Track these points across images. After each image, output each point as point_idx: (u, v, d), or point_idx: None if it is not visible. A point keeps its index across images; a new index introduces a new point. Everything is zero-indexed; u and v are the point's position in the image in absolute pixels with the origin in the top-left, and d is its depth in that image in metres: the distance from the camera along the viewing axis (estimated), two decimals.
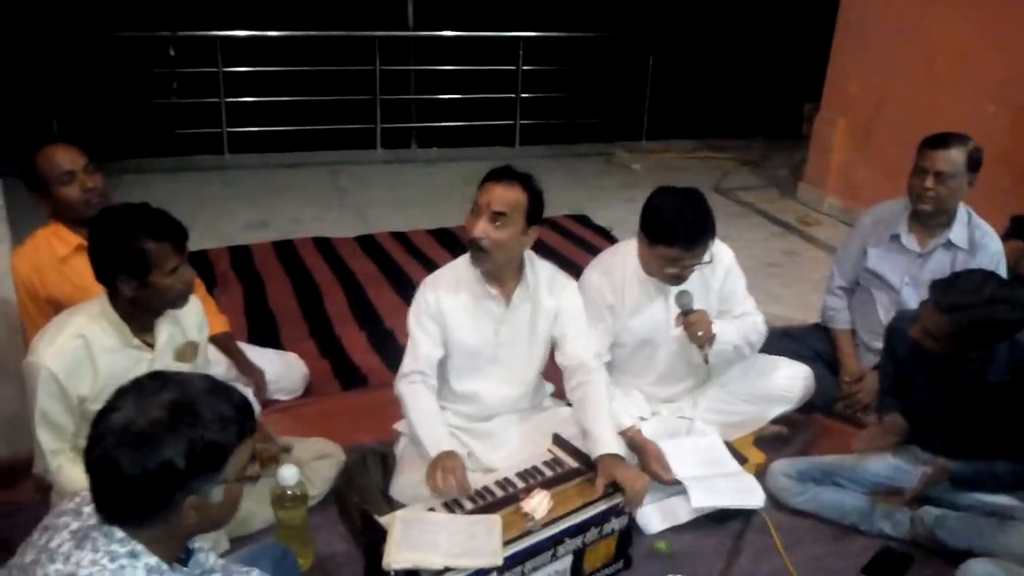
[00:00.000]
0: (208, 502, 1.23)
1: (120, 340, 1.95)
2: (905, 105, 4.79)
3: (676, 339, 2.55)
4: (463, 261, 2.30)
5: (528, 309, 2.32)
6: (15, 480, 2.34)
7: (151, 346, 2.02)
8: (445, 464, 2.03)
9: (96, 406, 1.87)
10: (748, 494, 2.38)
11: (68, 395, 1.90)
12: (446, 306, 2.26)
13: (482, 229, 2.13)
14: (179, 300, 1.97)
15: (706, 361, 2.46)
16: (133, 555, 1.18)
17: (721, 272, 2.55)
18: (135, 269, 1.85)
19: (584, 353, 2.32)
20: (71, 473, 1.94)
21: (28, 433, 2.32)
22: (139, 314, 1.97)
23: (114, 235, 1.86)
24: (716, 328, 2.44)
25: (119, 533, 1.19)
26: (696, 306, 2.43)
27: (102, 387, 1.91)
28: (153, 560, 1.20)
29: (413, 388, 2.25)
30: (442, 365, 2.33)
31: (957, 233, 2.80)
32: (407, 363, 2.28)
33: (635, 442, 2.43)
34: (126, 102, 6.24)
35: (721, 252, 2.55)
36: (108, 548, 1.18)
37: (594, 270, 2.55)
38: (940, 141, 2.72)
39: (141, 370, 1.96)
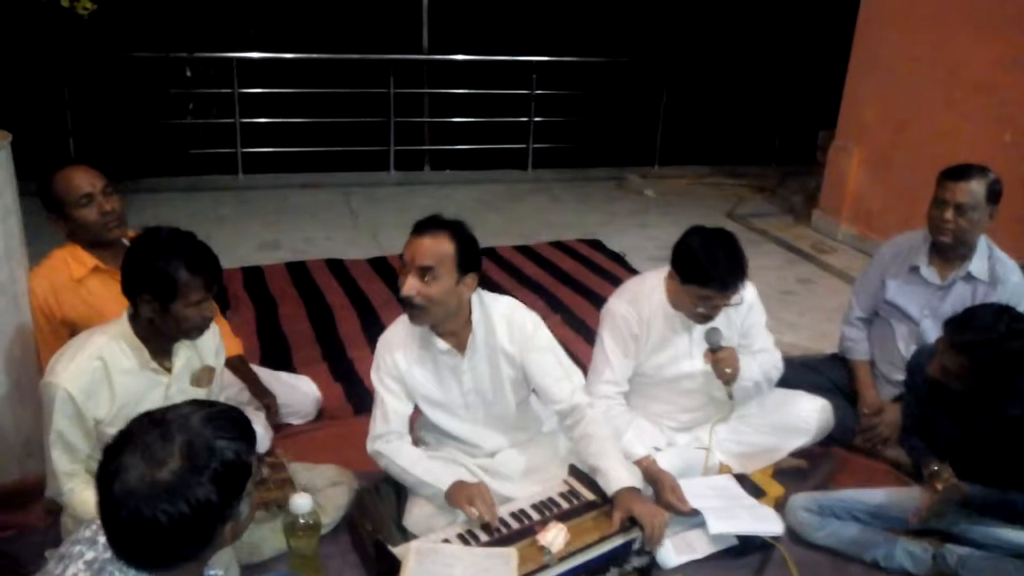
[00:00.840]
0: (239, 521, 1.26)
1: (138, 362, 1.95)
2: (922, 133, 4.77)
3: (699, 374, 2.55)
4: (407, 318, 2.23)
5: (485, 355, 2.26)
6: (26, 503, 2.32)
7: (168, 370, 2.01)
8: (470, 491, 2.02)
9: (111, 429, 1.88)
10: (767, 522, 2.34)
11: (84, 417, 1.89)
12: (403, 366, 2.22)
13: (411, 286, 2.04)
14: (194, 332, 1.97)
15: (731, 397, 2.45)
16: None
17: (744, 308, 2.54)
18: (161, 293, 1.86)
19: (569, 395, 2.25)
20: (84, 496, 1.92)
21: (39, 456, 2.31)
22: (157, 337, 1.97)
23: (152, 255, 1.86)
24: (741, 364, 2.43)
25: (132, 572, 1.18)
26: (723, 343, 2.43)
27: (118, 409, 1.91)
28: None
29: (391, 445, 2.23)
30: (426, 415, 2.32)
31: (977, 266, 2.77)
32: (378, 426, 2.24)
33: (650, 473, 2.39)
34: (142, 122, 6.30)
35: (746, 287, 2.52)
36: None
37: (621, 299, 2.53)
38: (960, 173, 2.70)
39: (157, 394, 1.97)
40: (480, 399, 2.29)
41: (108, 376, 1.91)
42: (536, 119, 7.19)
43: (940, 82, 4.65)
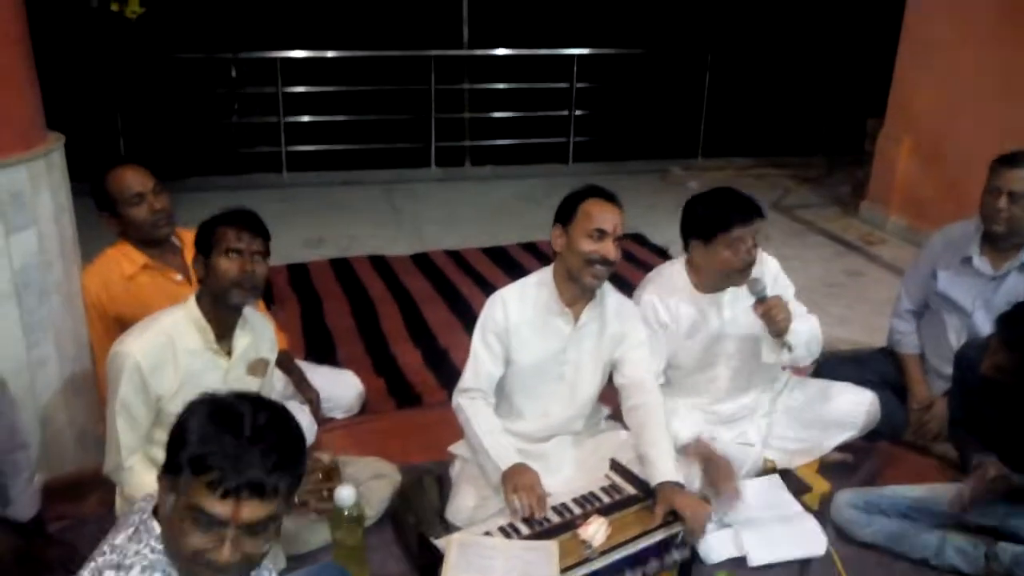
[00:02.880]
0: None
1: (203, 343, 2.03)
2: (974, 122, 4.64)
3: (734, 355, 2.54)
4: (536, 279, 2.31)
5: (595, 329, 2.30)
6: (82, 494, 2.39)
7: (228, 354, 2.08)
8: (522, 482, 2.03)
9: (171, 406, 1.94)
10: (808, 542, 2.31)
11: (149, 389, 1.97)
12: (514, 323, 2.25)
13: (614, 252, 2.16)
14: (234, 290, 2.00)
15: (790, 349, 2.39)
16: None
17: (769, 279, 2.51)
18: (203, 246, 2.03)
19: (643, 373, 2.30)
20: (142, 477, 1.99)
21: (94, 450, 2.39)
22: (218, 318, 2.05)
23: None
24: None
25: (157, 529, 1.24)
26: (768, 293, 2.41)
27: (179, 386, 1.98)
28: None
29: (474, 403, 2.24)
30: (503, 380, 2.32)
31: None
32: (467, 379, 2.28)
33: (702, 453, 2.38)
34: (189, 122, 6.43)
35: (767, 260, 2.56)
36: (149, 542, 1.22)
37: (645, 290, 2.55)
38: (1014, 159, 2.63)
39: (216, 376, 2.04)
40: (575, 371, 2.32)
41: (174, 353, 1.99)
42: (577, 112, 7.15)
43: (993, 69, 4.51)
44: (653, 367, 2.36)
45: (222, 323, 2.06)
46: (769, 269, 2.55)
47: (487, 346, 2.26)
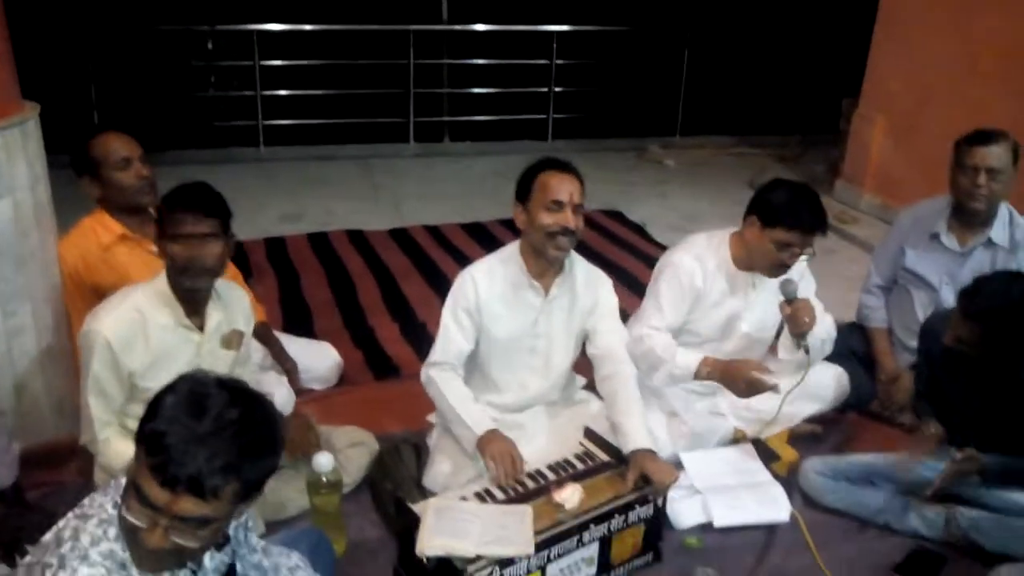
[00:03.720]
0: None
1: (173, 319, 2.02)
2: (947, 102, 4.70)
3: (742, 337, 2.59)
4: (504, 254, 2.33)
5: (566, 302, 2.33)
6: (60, 462, 2.40)
7: (201, 329, 2.07)
8: (498, 448, 2.07)
9: (143, 382, 1.95)
10: (773, 508, 2.37)
11: (120, 366, 1.96)
12: (484, 298, 2.27)
13: (574, 221, 2.17)
14: (199, 267, 1.96)
15: (807, 352, 2.45)
16: None
17: (796, 276, 2.54)
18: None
19: (614, 345, 2.33)
20: (118, 446, 2.00)
21: (72, 417, 2.39)
22: (189, 296, 2.03)
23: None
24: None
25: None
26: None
27: (151, 362, 1.98)
28: None
29: (444, 374, 2.27)
30: (477, 354, 2.35)
31: (998, 232, 2.76)
32: (437, 353, 2.30)
33: (717, 368, 2.42)
34: (165, 95, 6.35)
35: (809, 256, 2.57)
36: (115, 498, 1.22)
37: (688, 253, 2.55)
38: (987, 137, 2.68)
39: (189, 351, 2.04)
40: (547, 343, 2.35)
41: (145, 329, 1.98)
42: (556, 89, 7.16)
43: (966, 50, 4.57)
44: (624, 338, 2.38)
45: (191, 299, 2.05)
46: (796, 266, 2.54)
47: (457, 322, 2.28)
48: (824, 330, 2.56)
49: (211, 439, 1.12)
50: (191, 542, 1.15)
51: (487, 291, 2.28)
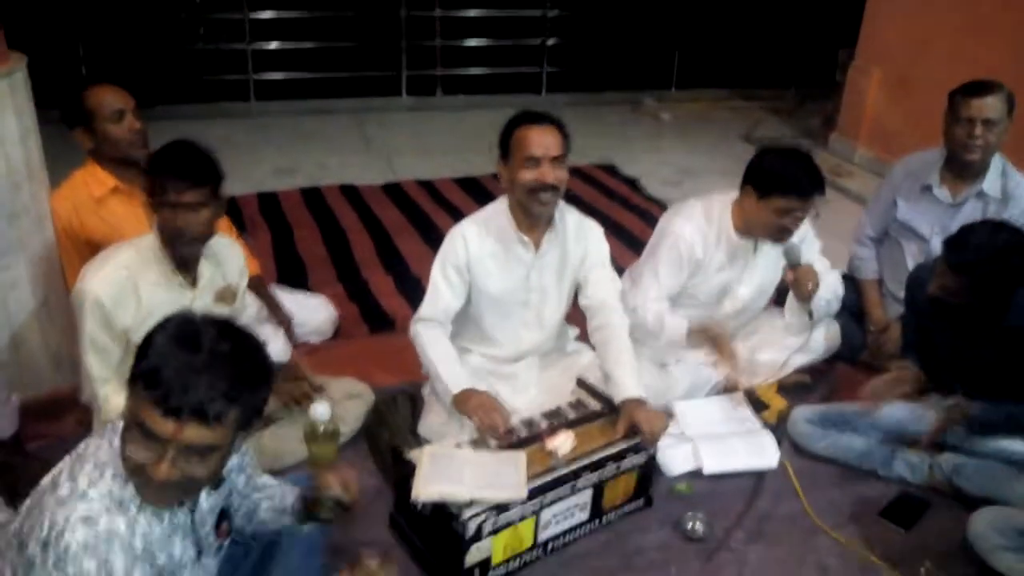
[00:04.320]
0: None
1: (164, 275, 2.01)
2: (943, 53, 4.67)
3: (741, 299, 2.63)
4: (491, 211, 2.33)
5: (557, 255, 2.34)
6: (59, 413, 2.43)
7: (193, 284, 2.07)
8: (477, 402, 2.08)
9: (138, 337, 1.96)
10: (762, 455, 2.42)
11: (113, 323, 1.97)
12: (475, 255, 2.28)
13: (553, 175, 2.14)
14: (189, 230, 1.96)
15: (811, 316, 2.48)
16: None
17: (797, 237, 2.55)
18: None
19: (606, 294, 2.34)
20: (119, 400, 2.01)
21: (69, 370, 2.42)
22: (183, 254, 2.02)
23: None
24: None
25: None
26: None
27: (144, 319, 1.97)
28: None
29: (430, 331, 2.28)
30: (471, 308, 2.37)
31: (990, 183, 2.76)
32: (426, 309, 2.31)
33: (707, 332, 2.49)
34: (154, 48, 6.25)
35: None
36: (113, 441, 1.25)
37: (689, 222, 2.54)
38: (982, 88, 2.66)
39: (182, 306, 2.04)
40: (540, 297, 2.36)
41: (135, 286, 1.98)
42: (550, 42, 7.07)
43: (964, 1, 4.52)
44: (616, 287, 2.39)
45: (182, 256, 2.04)
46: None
47: (447, 279, 2.29)
48: (830, 289, 2.60)
49: (209, 369, 1.15)
50: (198, 470, 1.19)
51: (477, 248, 2.28)
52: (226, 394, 1.16)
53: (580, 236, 2.37)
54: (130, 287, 1.97)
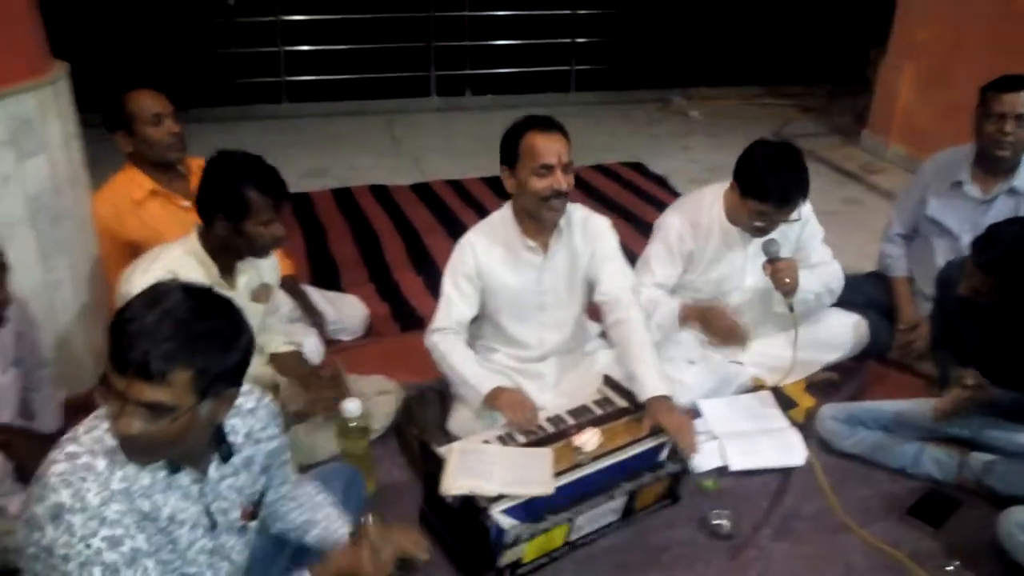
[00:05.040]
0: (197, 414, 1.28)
1: (206, 278, 2.07)
2: (977, 49, 4.60)
3: (751, 290, 2.61)
4: (497, 218, 2.35)
5: (565, 255, 2.35)
6: None
7: (232, 287, 2.14)
8: (511, 398, 2.13)
9: None
10: (789, 453, 2.42)
11: None
12: (484, 263, 2.30)
13: (567, 181, 2.16)
14: (263, 251, 2.10)
15: (791, 310, 2.49)
16: None
17: (798, 224, 2.57)
18: (234, 213, 1.99)
19: (619, 289, 2.35)
20: None
21: None
22: (225, 255, 2.09)
23: (226, 177, 1.99)
24: (800, 277, 2.48)
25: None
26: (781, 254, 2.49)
27: None
28: None
29: (447, 339, 2.32)
30: (490, 313, 2.40)
31: (1022, 179, 2.74)
32: (440, 320, 2.34)
33: (696, 311, 2.52)
34: (188, 52, 6.38)
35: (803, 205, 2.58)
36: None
37: (677, 215, 2.58)
38: (1014, 83, 2.64)
39: None
40: (554, 298, 2.39)
41: None
42: (579, 40, 7.08)
43: None
44: (628, 281, 2.39)
45: (226, 258, 2.11)
46: (802, 212, 2.54)
47: (458, 289, 2.32)
48: (820, 282, 2.59)
49: (158, 326, 1.17)
50: (153, 428, 1.20)
51: (486, 256, 2.31)
52: (170, 352, 1.17)
53: (587, 233, 2.37)
54: None
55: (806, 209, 2.60)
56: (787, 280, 2.45)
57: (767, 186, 2.33)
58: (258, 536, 1.59)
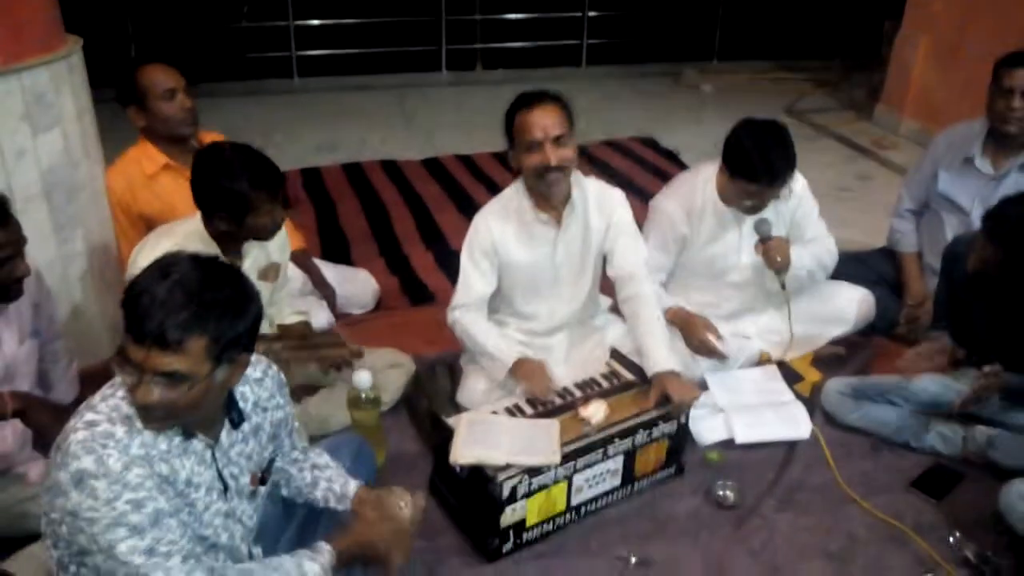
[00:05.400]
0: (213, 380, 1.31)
1: None
2: (992, 23, 4.55)
3: (748, 267, 2.61)
4: (510, 193, 2.36)
5: (579, 228, 2.36)
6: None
7: (239, 267, 2.16)
8: (531, 367, 2.17)
9: None
10: (794, 426, 2.44)
11: None
12: (499, 238, 2.32)
13: (557, 155, 2.14)
14: (267, 236, 2.11)
15: (783, 287, 2.51)
16: None
17: (793, 200, 2.57)
18: (233, 211, 2.00)
19: (632, 264, 2.37)
20: None
21: None
22: (230, 240, 2.11)
23: (218, 176, 1.98)
24: (792, 254, 2.48)
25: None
26: (773, 233, 2.49)
27: None
28: None
29: (468, 315, 2.35)
30: (503, 288, 2.42)
31: None
32: (460, 296, 2.37)
33: (680, 317, 2.53)
34: (199, 27, 6.38)
35: (793, 180, 2.56)
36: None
37: (670, 198, 2.58)
38: (1022, 59, 2.62)
39: None
40: (569, 271, 2.40)
41: None
42: (591, 14, 7.03)
43: None
44: (642, 255, 2.40)
45: (231, 240, 2.12)
46: (794, 189, 2.56)
47: (476, 265, 2.34)
48: (813, 259, 2.60)
49: (170, 296, 1.21)
50: (171, 395, 1.24)
51: (501, 231, 2.32)
52: (185, 322, 1.21)
53: (602, 206, 2.38)
54: None
55: (800, 185, 2.59)
56: (778, 259, 2.46)
57: (755, 166, 2.33)
58: (269, 503, 1.63)
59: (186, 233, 2.09)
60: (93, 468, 1.24)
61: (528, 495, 1.93)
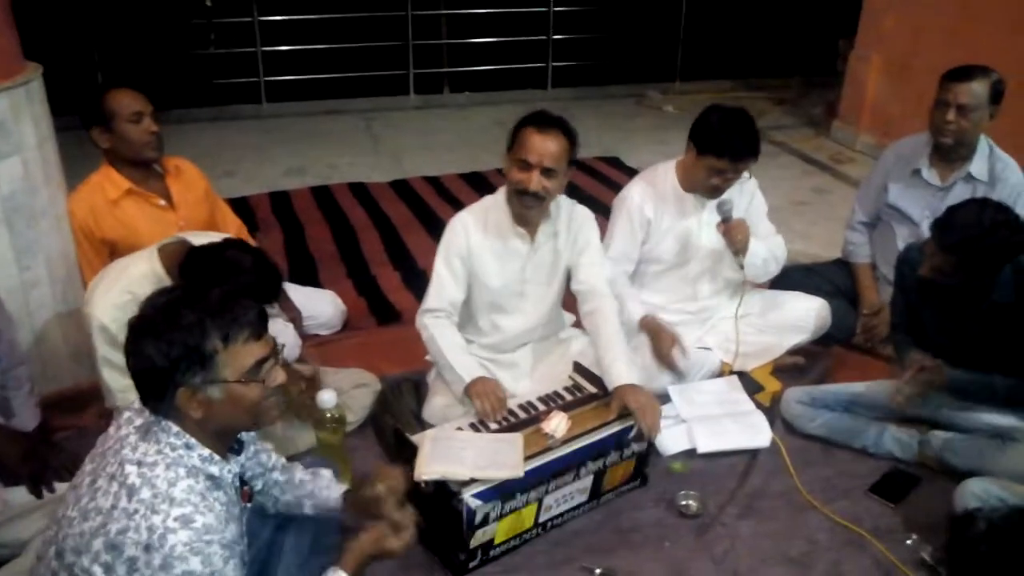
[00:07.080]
0: (209, 397, 1.34)
1: None
2: (940, 39, 4.70)
3: (708, 254, 2.71)
4: (490, 202, 2.40)
5: (551, 246, 2.41)
6: (80, 406, 2.54)
7: None
8: (484, 387, 2.19)
9: None
10: (754, 435, 2.49)
11: (121, 343, 2.05)
12: (475, 246, 2.35)
13: (537, 183, 2.19)
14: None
15: (741, 267, 2.61)
16: (188, 447, 1.35)
17: (747, 197, 2.70)
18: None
19: (596, 279, 2.42)
20: None
21: (88, 364, 2.52)
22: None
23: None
24: (751, 243, 2.59)
25: (174, 428, 1.35)
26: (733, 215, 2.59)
27: None
28: (206, 452, 1.37)
29: (438, 322, 2.37)
30: (468, 302, 2.44)
31: (977, 166, 2.82)
32: (431, 300, 2.38)
33: (651, 327, 2.60)
34: (166, 54, 6.38)
35: (746, 178, 2.69)
36: (168, 440, 1.35)
37: (636, 185, 2.70)
38: (963, 74, 2.73)
39: None
40: (535, 288, 2.44)
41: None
42: (555, 37, 7.14)
43: None
44: (606, 273, 2.47)
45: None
46: (747, 188, 2.71)
47: (450, 268, 2.36)
48: (768, 250, 2.69)
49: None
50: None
51: (478, 239, 2.35)
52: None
53: (573, 224, 2.43)
54: (134, 310, 2.05)
55: (752, 183, 2.73)
56: (739, 237, 2.56)
57: (723, 141, 2.46)
58: (258, 520, 1.70)
59: (141, 272, 2.10)
60: (200, 569, 1.27)
61: (499, 518, 1.95)
